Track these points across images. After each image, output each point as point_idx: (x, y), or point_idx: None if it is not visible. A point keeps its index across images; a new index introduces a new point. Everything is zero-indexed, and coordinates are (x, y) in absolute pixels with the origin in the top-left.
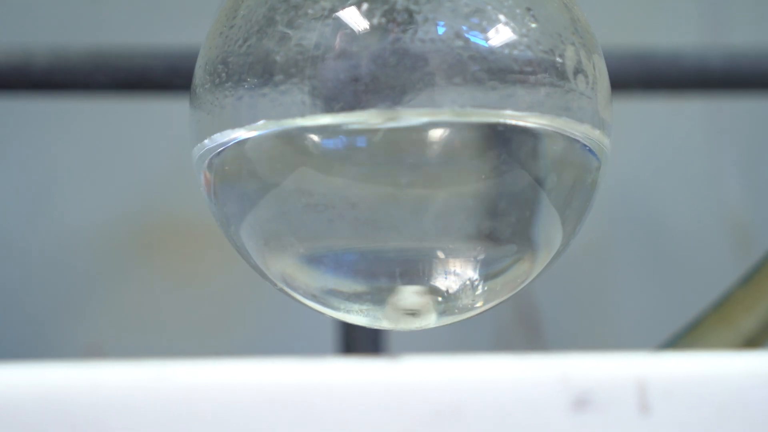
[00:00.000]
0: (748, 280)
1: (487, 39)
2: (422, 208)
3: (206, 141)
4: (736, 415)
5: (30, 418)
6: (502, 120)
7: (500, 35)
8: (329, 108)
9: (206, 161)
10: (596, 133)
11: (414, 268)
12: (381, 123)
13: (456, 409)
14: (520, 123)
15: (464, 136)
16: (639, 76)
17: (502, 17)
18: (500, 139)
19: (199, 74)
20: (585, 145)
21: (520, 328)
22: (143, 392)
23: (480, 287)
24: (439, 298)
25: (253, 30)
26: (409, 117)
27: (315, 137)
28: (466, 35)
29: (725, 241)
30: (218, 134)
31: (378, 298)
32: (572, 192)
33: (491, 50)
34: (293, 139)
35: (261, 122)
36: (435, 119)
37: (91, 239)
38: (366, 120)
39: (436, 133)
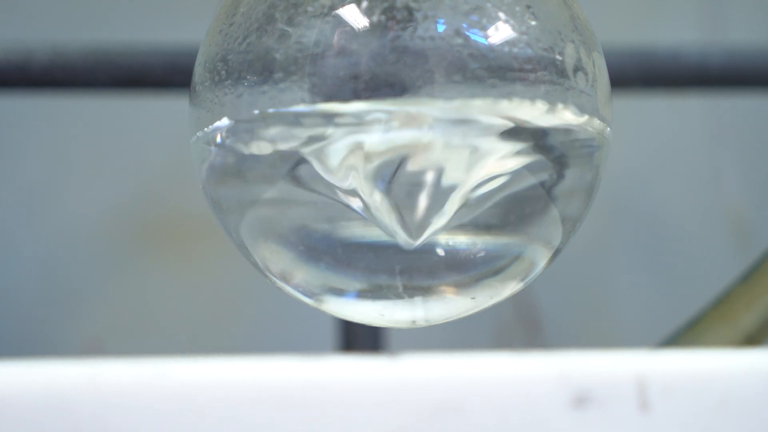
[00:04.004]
0: (748, 277)
1: (486, 36)
2: (419, 204)
3: (205, 137)
4: (736, 412)
5: (29, 415)
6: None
7: (500, 33)
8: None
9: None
10: None
11: (413, 265)
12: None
13: (456, 407)
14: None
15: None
16: (639, 74)
17: (501, 15)
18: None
19: (199, 72)
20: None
21: (519, 326)
22: (142, 389)
23: (479, 284)
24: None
25: (253, 27)
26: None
27: (313, 132)
28: (466, 33)
29: (725, 238)
30: (217, 124)
31: (378, 295)
32: (572, 189)
33: (491, 48)
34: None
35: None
36: (434, 114)
37: (91, 235)
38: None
39: (434, 128)
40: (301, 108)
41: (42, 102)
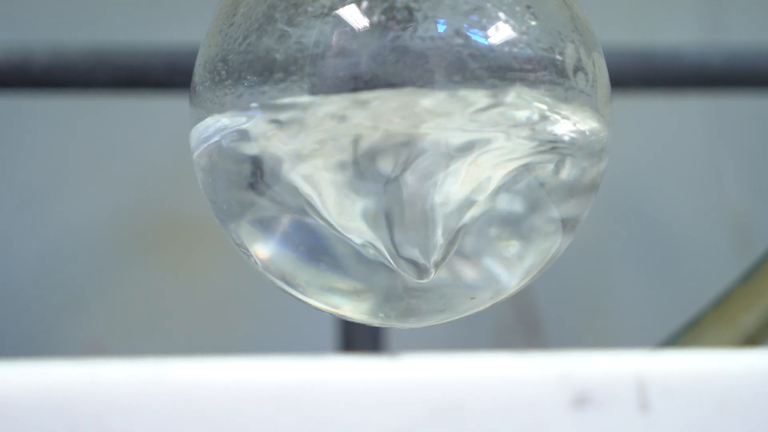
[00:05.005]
0: (748, 278)
1: (486, 37)
2: (418, 201)
3: (203, 135)
4: (735, 412)
5: (29, 415)
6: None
7: (500, 33)
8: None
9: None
10: None
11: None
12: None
13: (456, 408)
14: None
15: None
16: (639, 74)
17: (501, 15)
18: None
19: (199, 72)
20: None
21: (519, 326)
22: (142, 390)
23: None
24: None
25: (253, 28)
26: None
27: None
28: (466, 33)
29: (725, 239)
30: (217, 124)
31: (378, 295)
32: (572, 189)
33: (491, 48)
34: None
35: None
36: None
37: (91, 236)
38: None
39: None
40: (299, 108)
41: (42, 102)
